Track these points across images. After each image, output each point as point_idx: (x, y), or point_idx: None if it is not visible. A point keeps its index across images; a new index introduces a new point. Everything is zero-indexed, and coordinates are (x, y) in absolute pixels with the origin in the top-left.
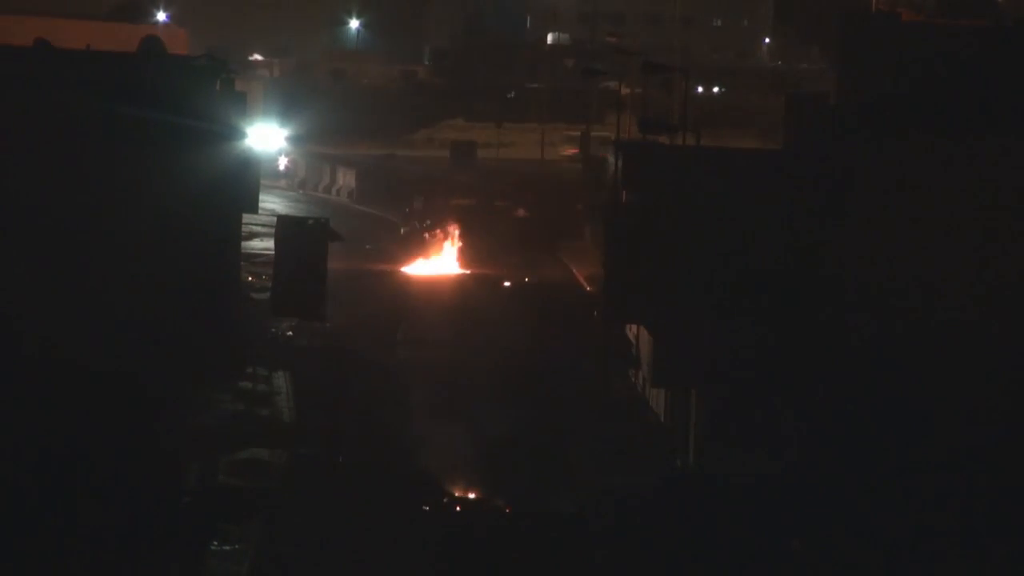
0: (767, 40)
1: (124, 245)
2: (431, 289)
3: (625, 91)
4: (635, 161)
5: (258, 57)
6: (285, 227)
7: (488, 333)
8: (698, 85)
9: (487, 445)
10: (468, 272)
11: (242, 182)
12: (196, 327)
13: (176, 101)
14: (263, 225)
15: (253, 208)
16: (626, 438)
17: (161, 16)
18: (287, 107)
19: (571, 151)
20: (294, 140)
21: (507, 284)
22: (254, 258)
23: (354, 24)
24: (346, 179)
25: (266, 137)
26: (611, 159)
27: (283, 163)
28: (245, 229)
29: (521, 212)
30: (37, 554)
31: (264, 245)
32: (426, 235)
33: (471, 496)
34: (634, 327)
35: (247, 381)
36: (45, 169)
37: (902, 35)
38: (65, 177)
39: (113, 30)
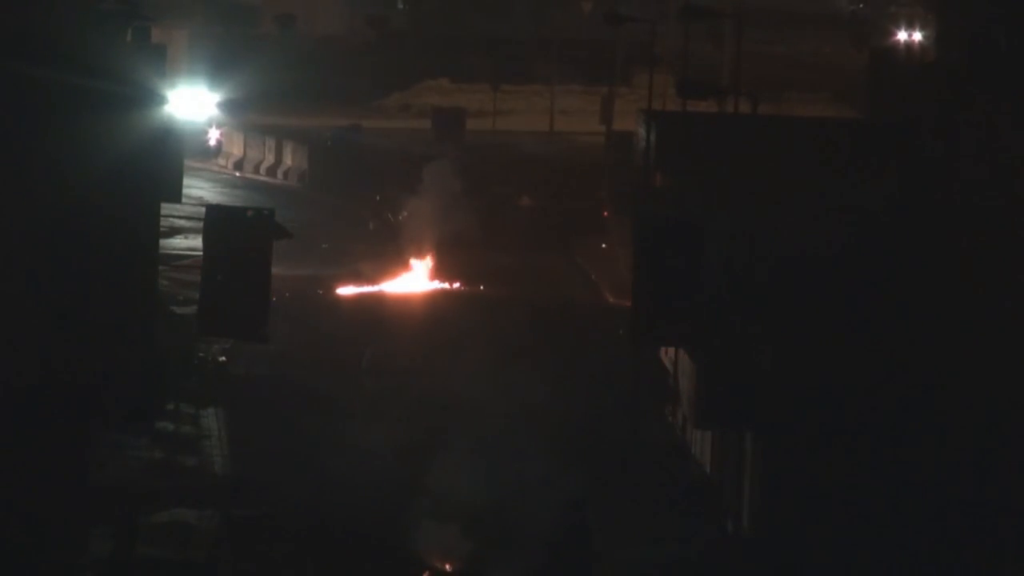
0: None
1: (1, 245)
2: (406, 302)
3: (659, 43)
4: (672, 135)
5: None
6: (217, 221)
7: (480, 359)
8: (755, 35)
9: (479, 508)
10: (456, 280)
11: (160, 162)
12: (100, 351)
13: (72, 55)
14: (188, 218)
15: (175, 196)
16: (661, 496)
17: None
18: (220, 64)
19: None
20: (228, 107)
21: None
22: (176, 260)
23: None
24: (296, 158)
25: (192, 103)
26: (641, 132)
27: (214, 137)
28: (165, 223)
29: (526, 201)
30: None
31: (189, 244)
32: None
33: None
34: (671, 351)
35: (167, 421)
36: None
37: None
38: None
39: None
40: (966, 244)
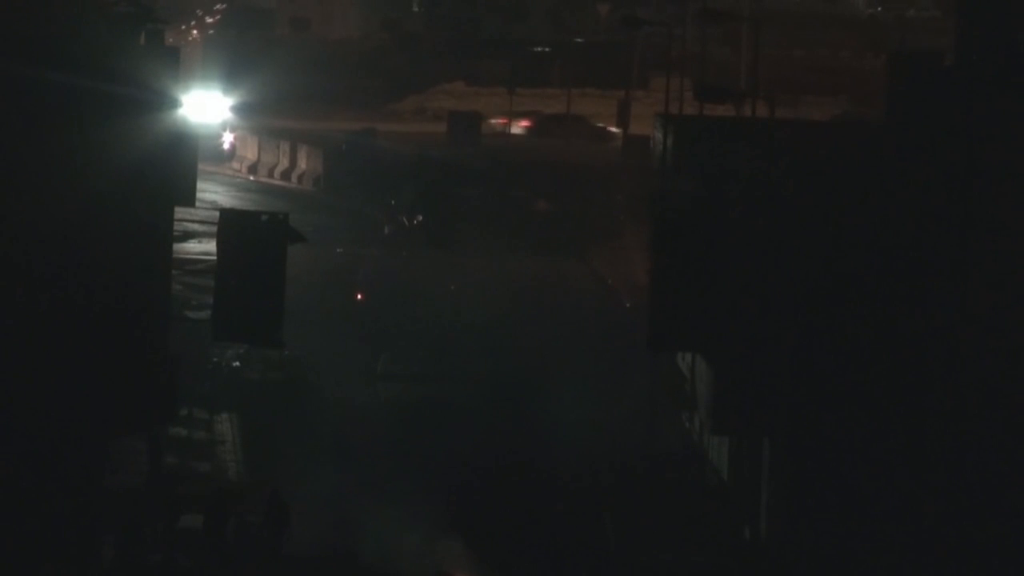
0: None
1: (12, 249)
2: (423, 305)
3: (676, 46)
4: (690, 139)
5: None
6: (231, 225)
7: (498, 363)
8: (772, 38)
9: (499, 516)
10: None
11: (174, 166)
12: (113, 356)
13: (85, 59)
14: (202, 222)
15: (189, 200)
16: (678, 502)
17: None
18: (233, 68)
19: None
20: (242, 111)
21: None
22: (190, 265)
23: None
24: (311, 162)
25: (206, 107)
26: (658, 136)
27: (228, 141)
28: (178, 227)
29: (542, 205)
30: None
31: (203, 248)
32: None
33: None
34: (688, 356)
35: (180, 427)
36: None
37: None
38: None
39: None
40: (990, 249)
